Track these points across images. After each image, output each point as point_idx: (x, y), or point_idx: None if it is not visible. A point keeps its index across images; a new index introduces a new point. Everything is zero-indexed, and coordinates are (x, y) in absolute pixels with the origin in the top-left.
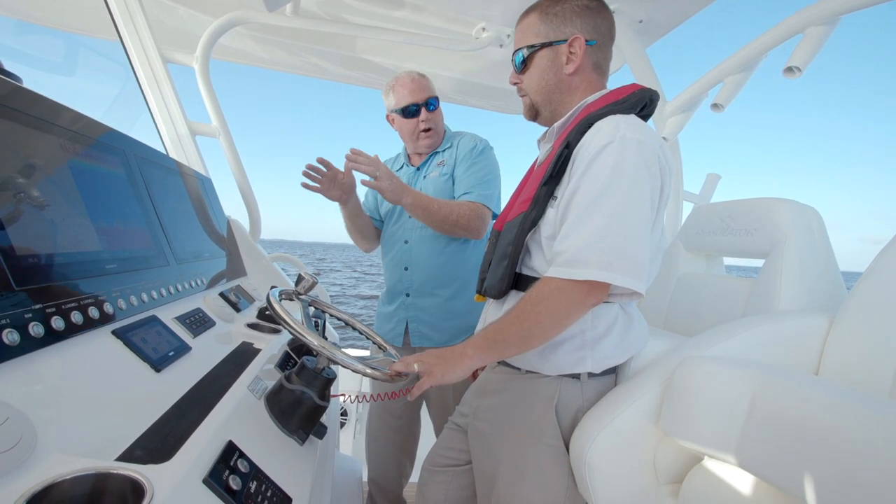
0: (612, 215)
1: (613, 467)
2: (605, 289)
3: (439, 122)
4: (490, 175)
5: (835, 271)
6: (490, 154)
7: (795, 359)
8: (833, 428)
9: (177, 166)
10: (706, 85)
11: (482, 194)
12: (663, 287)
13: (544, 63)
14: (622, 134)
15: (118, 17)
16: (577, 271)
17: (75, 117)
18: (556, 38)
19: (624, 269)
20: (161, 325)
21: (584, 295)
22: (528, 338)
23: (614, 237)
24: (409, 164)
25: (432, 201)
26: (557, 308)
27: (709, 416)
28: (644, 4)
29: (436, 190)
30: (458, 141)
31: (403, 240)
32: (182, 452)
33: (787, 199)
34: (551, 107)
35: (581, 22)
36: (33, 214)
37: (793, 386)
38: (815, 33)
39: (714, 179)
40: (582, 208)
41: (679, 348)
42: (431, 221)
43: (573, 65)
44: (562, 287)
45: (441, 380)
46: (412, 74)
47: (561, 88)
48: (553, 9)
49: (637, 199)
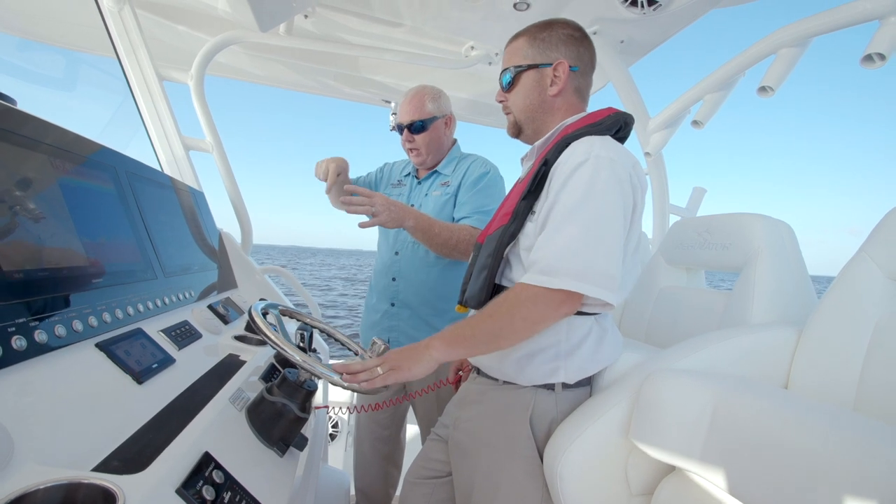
0: (586, 228)
1: (585, 478)
2: (579, 298)
3: (426, 143)
4: (495, 203)
5: (806, 283)
6: (499, 183)
7: (764, 371)
8: (786, 441)
9: (169, 181)
10: (687, 102)
11: (482, 220)
12: (644, 300)
13: (530, 83)
14: (596, 153)
15: (115, 35)
16: (552, 280)
17: (66, 136)
18: (542, 62)
19: (596, 279)
20: (146, 337)
21: (558, 303)
22: (497, 337)
23: (587, 249)
24: (416, 175)
25: (433, 224)
26: (532, 313)
27: (674, 428)
28: (625, 26)
29: (435, 209)
30: (469, 165)
31: (394, 251)
32: (157, 462)
33: (760, 215)
34: (534, 125)
35: (566, 49)
36: (20, 230)
37: (752, 399)
38: (787, 54)
39: (700, 193)
40: (558, 221)
41: (650, 361)
42: (431, 244)
43: (556, 87)
44: (538, 294)
45: (409, 374)
46: (411, 93)
47: (544, 108)
48: (541, 34)
49: (609, 214)
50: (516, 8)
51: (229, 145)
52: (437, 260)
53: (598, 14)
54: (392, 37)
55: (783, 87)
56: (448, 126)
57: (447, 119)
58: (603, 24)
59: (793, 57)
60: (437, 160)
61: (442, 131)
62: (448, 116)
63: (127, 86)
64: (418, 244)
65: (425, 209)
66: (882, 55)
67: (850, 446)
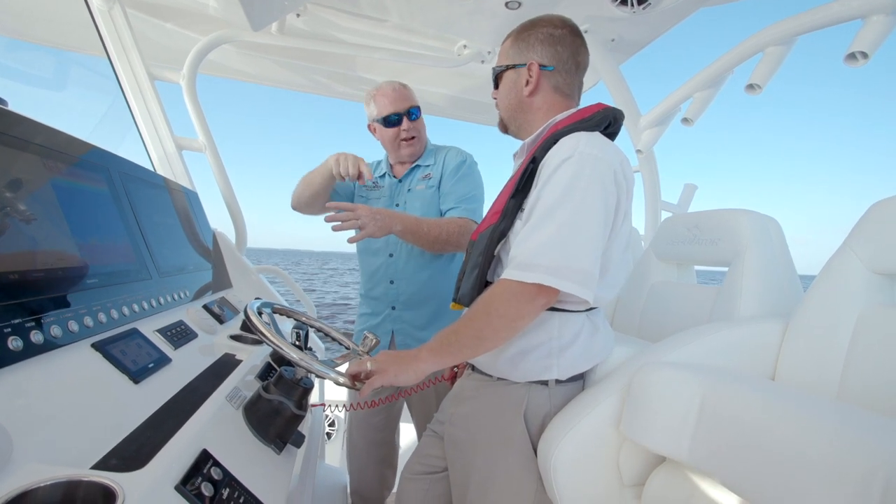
0: (564, 224)
1: (579, 470)
2: (553, 293)
3: (422, 130)
4: (476, 190)
5: (793, 277)
6: (476, 169)
7: (752, 363)
8: (772, 430)
9: (163, 182)
10: (677, 100)
11: (469, 209)
12: (636, 295)
13: (509, 83)
14: (581, 150)
15: (105, 35)
16: (526, 274)
17: (59, 137)
18: (518, 62)
19: (569, 275)
20: (141, 337)
21: (531, 296)
22: (480, 339)
23: (563, 245)
24: (392, 174)
25: (421, 223)
26: (507, 309)
27: (664, 419)
28: (615, 24)
29: (423, 203)
30: (445, 155)
31: (388, 253)
32: (156, 460)
33: (748, 210)
34: (516, 123)
35: (542, 48)
36: (15, 232)
37: (738, 390)
38: (774, 53)
39: (691, 189)
40: (538, 217)
41: (641, 354)
42: (422, 243)
43: (530, 87)
44: (511, 288)
45: (394, 379)
46: (393, 84)
47: (522, 107)
48: (523, 34)
49: (589, 211)
50: (508, 7)
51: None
52: (433, 257)
53: (590, 13)
54: (384, 35)
55: (770, 84)
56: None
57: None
58: (594, 22)
59: (779, 55)
60: (423, 150)
61: (423, 121)
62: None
63: (118, 86)
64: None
65: (412, 205)
66: (865, 53)
67: (832, 434)
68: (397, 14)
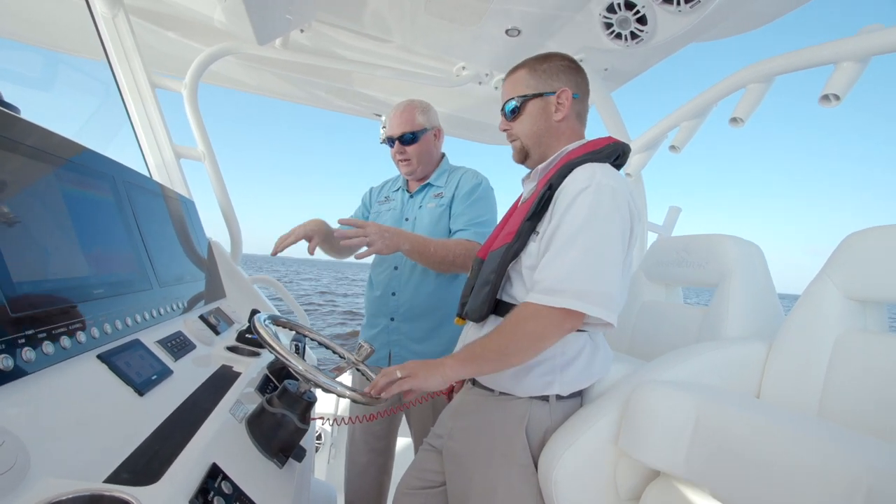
0: (587, 251)
1: (578, 484)
2: (580, 317)
3: (418, 154)
4: (489, 214)
5: (774, 300)
6: (491, 194)
7: (740, 382)
8: (758, 446)
9: (161, 190)
10: (665, 128)
11: (479, 232)
12: (627, 313)
13: (536, 111)
14: (598, 180)
15: (108, 41)
16: (554, 299)
17: (69, 146)
18: (546, 90)
19: (596, 300)
20: (144, 348)
21: (560, 321)
22: (506, 355)
23: (588, 271)
24: (406, 189)
25: (428, 244)
26: (535, 330)
27: (660, 436)
28: (609, 55)
29: (431, 220)
30: (460, 177)
31: (393, 266)
32: (169, 474)
33: (733, 236)
34: (541, 149)
35: (566, 77)
36: (29, 242)
37: (728, 408)
38: (755, 89)
39: (675, 212)
40: (561, 243)
41: (636, 373)
42: (428, 263)
43: (561, 113)
44: (541, 312)
45: (423, 383)
46: (399, 107)
47: (550, 133)
48: (541, 66)
49: (609, 238)
50: (508, 34)
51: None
52: (436, 273)
53: (585, 43)
54: (384, 53)
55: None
56: (437, 138)
57: (436, 131)
58: (588, 52)
59: (760, 92)
60: (427, 171)
61: (432, 143)
62: (437, 129)
63: (118, 92)
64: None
65: (420, 222)
66: (837, 96)
67: (813, 449)
68: (400, 36)
